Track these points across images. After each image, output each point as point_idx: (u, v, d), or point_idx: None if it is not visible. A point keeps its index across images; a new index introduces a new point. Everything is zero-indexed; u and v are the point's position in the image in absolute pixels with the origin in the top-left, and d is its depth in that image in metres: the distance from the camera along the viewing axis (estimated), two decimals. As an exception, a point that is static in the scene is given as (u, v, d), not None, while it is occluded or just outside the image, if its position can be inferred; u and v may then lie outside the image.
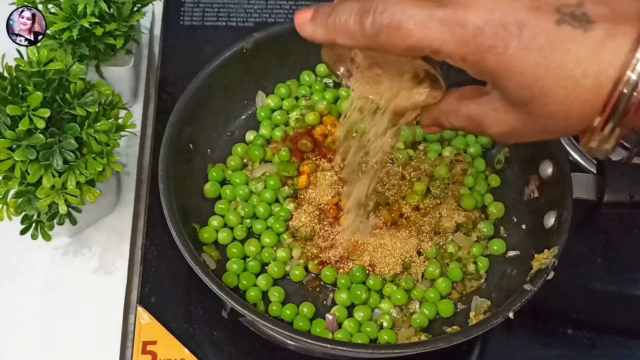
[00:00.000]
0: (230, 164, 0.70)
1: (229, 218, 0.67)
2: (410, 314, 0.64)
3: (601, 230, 0.74)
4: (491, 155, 0.72)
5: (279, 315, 0.63)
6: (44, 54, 0.56)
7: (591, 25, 0.36)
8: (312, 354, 0.63)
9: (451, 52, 0.39)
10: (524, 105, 0.40)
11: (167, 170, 0.62)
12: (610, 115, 0.37)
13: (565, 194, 0.61)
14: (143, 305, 0.66)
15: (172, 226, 0.59)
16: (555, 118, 0.39)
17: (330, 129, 0.71)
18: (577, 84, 0.37)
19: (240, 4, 0.87)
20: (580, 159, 0.76)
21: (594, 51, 0.36)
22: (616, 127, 0.38)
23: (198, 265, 0.57)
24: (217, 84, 0.69)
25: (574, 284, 0.71)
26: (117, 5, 0.67)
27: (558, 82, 0.37)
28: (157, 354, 0.63)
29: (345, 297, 0.63)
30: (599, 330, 0.69)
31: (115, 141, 0.61)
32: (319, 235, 0.66)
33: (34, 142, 0.55)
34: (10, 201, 0.59)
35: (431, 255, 0.65)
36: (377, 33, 0.40)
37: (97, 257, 0.69)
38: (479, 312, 0.63)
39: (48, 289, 0.67)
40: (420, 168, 0.69)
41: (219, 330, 0.66)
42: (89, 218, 0.69)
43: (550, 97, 0.38)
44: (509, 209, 0.69)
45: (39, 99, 0.55)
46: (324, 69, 0.75)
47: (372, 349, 0.59)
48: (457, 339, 0.56)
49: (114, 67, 0.73)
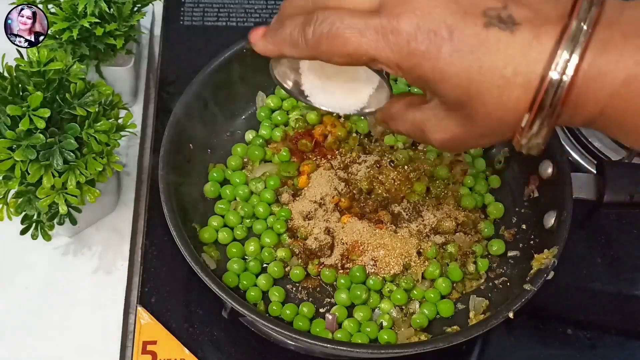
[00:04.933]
0: (230, 164, 0.70)
1: (229, 218, 0.67)
2: (410, 314, 0.64)
3: (601, 230, 0.74)
4: (491, 155, 0.72)
5: (279, 315, 0.63)
6: (44, 54, 0.56)
7: (517, 27, 0.38)
8: (312, 353, 0.64)
9: (387, 59, 0.40)
10: (462, 107, 0.41)
11: (167, 170, 0.62)
12: (537, 111, 0.38)
13: (565, 194, 0.61)
14: (143, 305, 0.66)
15: (172, 226, 0.59)
16: (492, 119, 0.40)
17: (330, 129, 0.71)
18: (509, 83, 0.38)
19: (240, 4, 0.87)
20: (580, 159, 0.76)
21: (522, 50, 0.38)
22: (544, 122, 0.39)
23: (198, 265, 0.57)
24: (217, 84, 0.69)
25: (574, 284, 0.71)
26: (117, 5, 0.67)
27: (492, 81, 0.39)
28: (157, 354, 0.63)
29: (345, 297, 0.63)
30: (599, 330, 0.69)
31: (115, 141, 0.61)
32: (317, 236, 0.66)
33: (34, 142, 0.55)
34: (10, 201, 0.59)
35: (431, 255, 0.65)
36: (318, 42, 0.42)
37: (97, 257, 0.69)
38: (478, 311, 0.63)
39: (48, 289, 0.67)
40: (420, 168, 0.69)
41: (219, 330, 0.66)
42: (89, 218, 0.69)
43: (486, 96, 0.39)
44: (509, 209, 0.69)
45: (39, 99, 0.55)
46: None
47: (372, 349, 0.59)
48: (457, 339, 0.56)
49: (114, 67, 0.73)
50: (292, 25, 0.44)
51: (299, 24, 0.43)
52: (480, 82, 0.39)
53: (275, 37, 0.45)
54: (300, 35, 0.43)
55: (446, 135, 0.44)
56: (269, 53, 0.46)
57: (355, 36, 0.41)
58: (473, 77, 0.39)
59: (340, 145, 0.71)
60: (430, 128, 0.45)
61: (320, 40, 0.42)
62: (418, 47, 0.39)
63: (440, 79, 0.40)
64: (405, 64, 0.40)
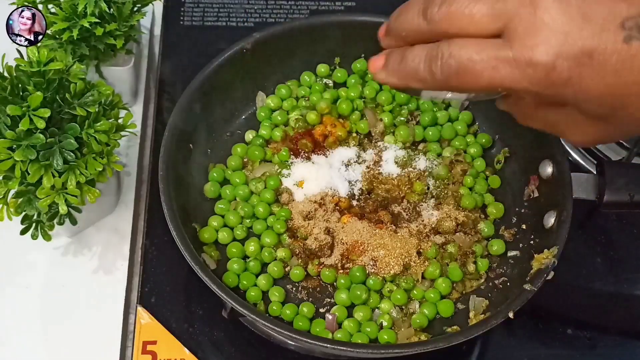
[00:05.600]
0: (230, 164, 0.70)
1: (229, 218, 0.67)
2: (410, 314, 0.64)
3: (601, 230, 0.74)
4: (491, 155, 0.72)
5: (279, 315, 0.63)
6: (44, 54, 0.56)
7: None
8: (312, 353, 0.64)
9: (525, 90, 0.39)
10: (606, 119, 0.40)
11: (167, 170, 0.62)
12: None
13: (565, 194, 0.61)
14: (143, 305, 0.66)
15: (172, 226, 0.59)
16: (638, 122, 0.40)
17: (330, 129, 0.71)
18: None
19: (240, 4, 0.87)
20: (580, 159, 0.76)
21: None
22: None
23: (198, 265, 0.57)
24: (217, 84, 0.69)
25: (574, 284, 0.71)
26: (117, 5, 0.67)
27: (638, 94, 0.37)
28: (157, 354, 0.63)
29: (345, 297, 0.63)
30: (599, 330, 0.69)
31: (115, 141, 0.61)
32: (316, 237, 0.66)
33: (34, 142, 0.55)
34: (10, 201, 0.59)
35: (431, 255, 0.65)
36: (447, 79, 0.40)
37: (97, 257, 0.69)
38: (478, 311, 0.63)
39: (48, 289, 0.67)
40: (420, 168, 0.69)
41: (219, 330, 0.66)
42: (89, 218, 0.69)
43: (631, 108, 0.38)
44: (509, 209, 0.69)
45: (39, 99, 0.55)
46: (325, 69, 0.75)
47: (372, 349, 0.59)
48: (457, 339, 0.56)
49: (114, 67, 0.73)
50: (416, 60, 0.42)
51: (423, 58, 0.41)
52: (625, 97, 0.38)
53: (399, 71, 0.43)
54: (427, 72, 0.41)
55: (587, 138, 0.43)
56: (392, 85, 0.44)
57: (487, 71, 0.39)
58: (617, 94, 0.38)
59: (340, 145, 0.71)
60: (566, 130, 0.43)
61: (449, 77, 0.40)
62: (558, 77, 0.38)
63: (583, 100, 0.39)
64: (545, 92, 0.39)
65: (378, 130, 0.72)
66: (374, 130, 0.72)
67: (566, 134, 0.44)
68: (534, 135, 0.65)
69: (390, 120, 0.72)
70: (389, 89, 0.74)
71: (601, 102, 0.39)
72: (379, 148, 0.71)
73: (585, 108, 0.40)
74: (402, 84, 0.44)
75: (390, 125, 0.72)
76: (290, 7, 0.87)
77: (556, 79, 0.38)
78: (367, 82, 0.75)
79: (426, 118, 0.72)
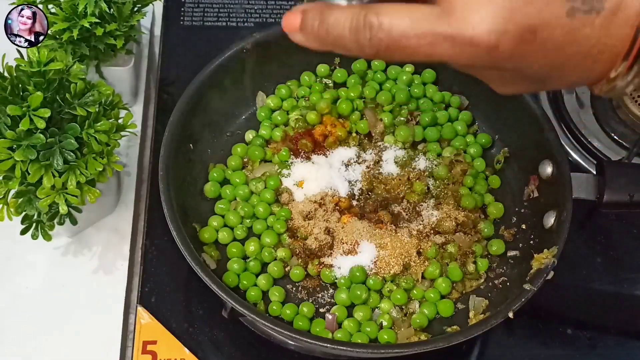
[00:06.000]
0: (230, 164, 0.70)
1: (229, 218, 0.67)
2: (410, 313, 0.64)
3: (601, 230, 0.74)
4: (491, 155, 0.72)
5: (279, 315, 0.63)
6: (44, 54, 0.56)
7: (601, 4, 0.35)
8: (312, 353, 0.64)
9: (464, 65, 0.38)
10: (543, 81, 0.39)
11: (167, 170, 0.62)
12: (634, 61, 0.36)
13: (565, 194, 0.61)
14: (143, 305, 0.66)
15: (172, 226, 0.59)
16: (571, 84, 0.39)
17: (330, 129, 0.71)
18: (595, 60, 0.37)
19: (240, 4, 0.87)
20: (580, 159, 0.76)
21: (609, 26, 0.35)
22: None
23: (198, 265, 0.57)
24: (217, 84, 0.69)
25: (574, 284, 0.71)
26: (118, 6, 0.67)
27: (577, 63, 0.37)
28: (157, 354, 0.63)
29: (345, 297, 0.63)
30: (599, 330, 0.69)
31: (115, 141, 0.61)
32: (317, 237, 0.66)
33: (34, 142, 0.55)
34: (10, 201, 0.59)
35: (431, 255, 0.65)
36: (376, 53, 0.38)
37: (97, 257, 0.69)
38: (477, 311, 0.63)
39: (48, 289, 0.67)
40: (420, 168, 0.69)
41: (219, 330, 0.66)
42: (89, 218, 0.69)
43: (570, 74, 0.38)
44: (509, 209, 0.69)
45: (39, 99, 0.55)
46: (324, 69, 0.75)
47: (372, 348, 0.59)
48: (457, 338, 0.56)
49: (114, 67, 0.73)
50: (339, 26, 0.38)
51: (347, 27, 0.38)
52: (565, 65, 0.37)
53: (319, 36, 0.39)
54: (353, 43, 0.38)
55: (517, 90, 0.41)
56: (312, 48, 0.40)
57: (423, 48, 0.36)
58: (558, 63, 0.37)
59: (340, 145, 0.71)
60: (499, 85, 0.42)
61: (379, 51, 0.37)
62: (501, 55, 0.36)
63: (522, 72, 0.38)
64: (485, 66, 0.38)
65: (378, 130, 0.72)
66: (374, 130, 0.72)
67: (498, 88, 0.42)
68: (534, 135, 0.65)
69: (390, 120, 0.72)
70: (389, 89, 0.74)
71: (540, 72, 0.38)
72: (379, 148, 0.71)
73: (523, 74, 0.39)
74: (325, 48, 0.40)
75: (390, 125, 0.72)
76: (290, 8, 0.87)
77: (498, 56, 0.36)
78: (367, 82, 0.75)
79: (426, 118, 0.72)
